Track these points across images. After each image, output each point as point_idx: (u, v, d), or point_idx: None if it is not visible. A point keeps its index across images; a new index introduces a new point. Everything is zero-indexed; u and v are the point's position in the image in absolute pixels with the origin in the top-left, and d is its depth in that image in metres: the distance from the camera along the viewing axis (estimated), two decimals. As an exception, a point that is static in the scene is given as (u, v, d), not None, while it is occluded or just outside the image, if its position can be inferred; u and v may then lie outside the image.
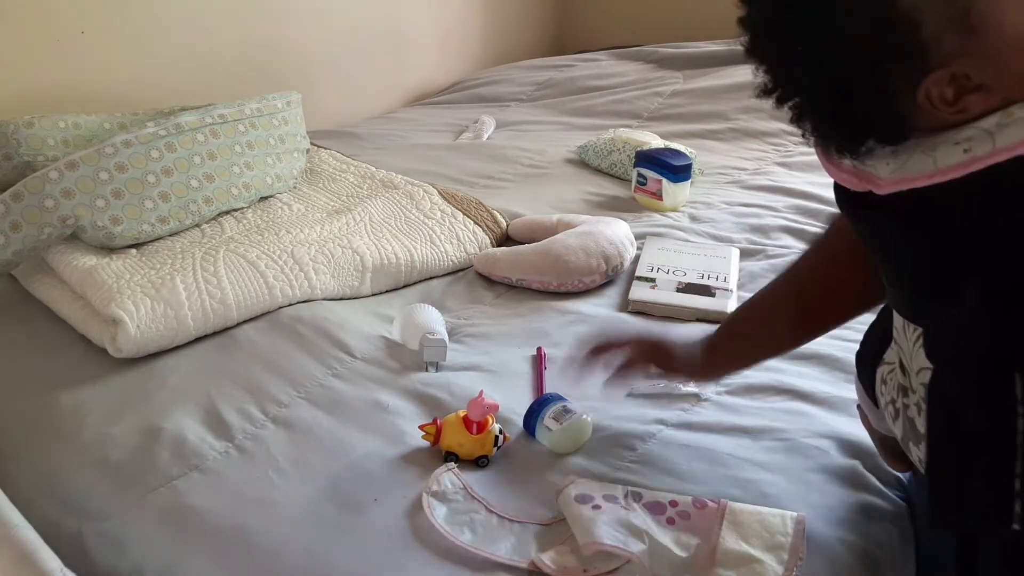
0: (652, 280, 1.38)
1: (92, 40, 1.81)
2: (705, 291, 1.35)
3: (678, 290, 1.36)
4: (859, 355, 0.87)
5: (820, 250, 0.92)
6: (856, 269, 0.84)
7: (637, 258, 1.47)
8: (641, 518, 0.84)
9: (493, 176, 1.91)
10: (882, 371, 0.81)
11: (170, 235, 1.43)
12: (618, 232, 1.46)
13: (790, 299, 0.94)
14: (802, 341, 1.00)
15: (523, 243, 1.51)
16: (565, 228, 1.50)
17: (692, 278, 1.39)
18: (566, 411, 1.01)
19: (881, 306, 0.84)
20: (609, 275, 1.41)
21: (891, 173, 0.63)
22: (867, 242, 0.75)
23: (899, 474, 0.95)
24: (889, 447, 0.89)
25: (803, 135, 0.66)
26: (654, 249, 1.50)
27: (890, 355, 0.80)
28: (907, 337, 0.73)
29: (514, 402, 1.07)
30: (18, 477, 1.01)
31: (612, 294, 1.40)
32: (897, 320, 0.75)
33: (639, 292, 1.36)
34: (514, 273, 1.42)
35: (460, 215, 1.58)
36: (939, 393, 0.69)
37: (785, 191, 1.78)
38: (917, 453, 0.75)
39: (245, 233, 1.43)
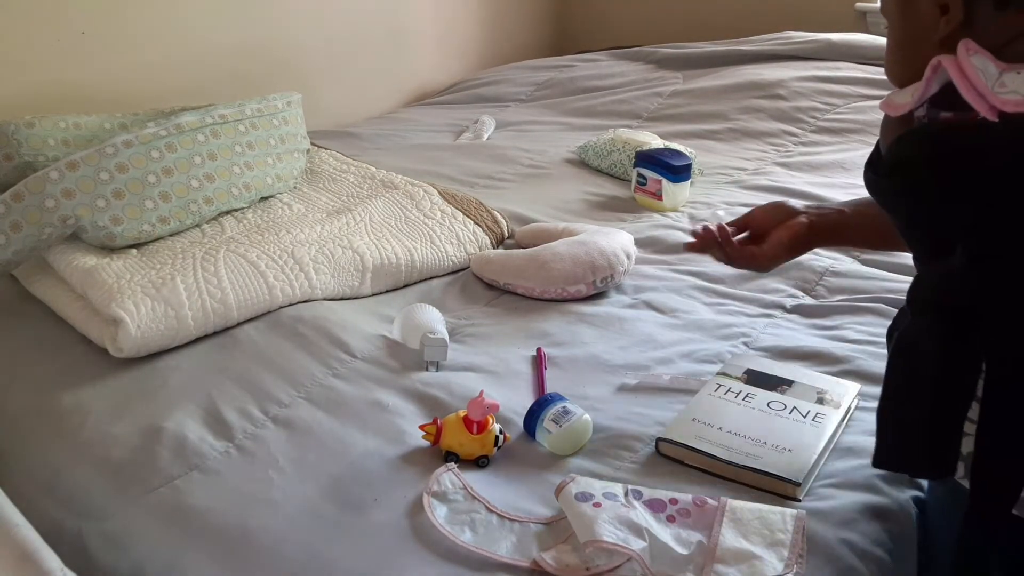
0: None
1: (92, 40, 1.81)
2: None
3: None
4: (889, 330, 0.87)
5: None
6: None
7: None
8: (641, 516, 0.84)
9: (493, 176, 1.91)
10: None
11: (170, 235, 1.43)
12: (614, 243, 1.41)
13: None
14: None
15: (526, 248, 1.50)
16: (568, 236, 1.47)
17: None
18: (566, 412, 1.00)
19: None
20: (598, 286, 1.37)
21: None
22: (880, 205, 0.77)
23: (914, 487, 0.94)
24: None
25: None
26: None
27: None
28: None
29: (514, 402, 1.07)
30: (19, 476, 1.01)
31: (611, 301, 1.40)
32: None
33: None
34: (501, 276, 1.41)
35: (460, 215, 1.58)
36: (906, 339, 0.72)
37: (785, 191, 1.77)
38: None
39: (245, 233, 1.43)
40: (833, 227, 1.04)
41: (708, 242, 1.06)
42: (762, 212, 1.08)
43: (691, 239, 1.08)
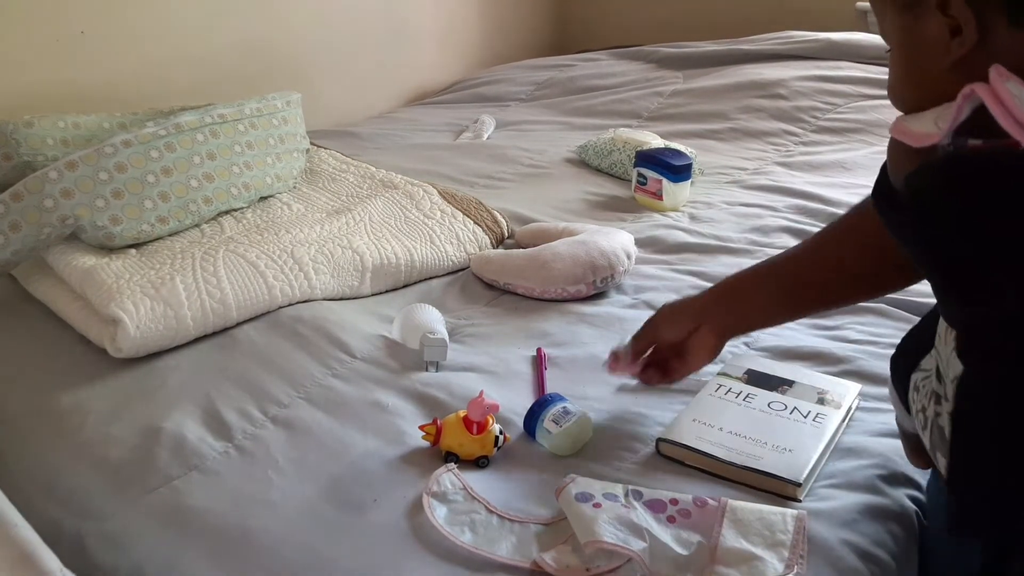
0: None
1: (92, 40, 1.81)
2: None
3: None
4: (894, 358, 0.85)
5: (831, 229, 0.99)
6: (866, 254, 0.89)
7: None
8: (642, 516, 0.84)
9: (493, 176, 1.91)
10: (916, 378, 0.78)
11: (170, 235, 1.42)
12: (614, 243, 1.41)
13: (787, 269, 1.02)
14: (800, 314, 1.11)
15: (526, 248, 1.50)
16: (568, 236, 1.46)
17: None
18: (566, 413, 1.00)
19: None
20: (598, 286, 1.37)
21: None
22: (899, 241, 0.73)
23: (914, 488, 0.94)
24: (912, 443, 0.88)
25: None
26: None
27: (927, 362, 0.77)
28: (946, 343, 0.71)
29: (514, 402, 1.07)
30: (18, 477, 1.01)
31: (611, 301, 1.39)
32: (940, 325, 0.73)
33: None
34: (501, 276, 1.41)
35: (460, 215, 1.57)
36: (968, 394, 0.67)
37: (785, 191, 1.78)
38: (944, 463, 0.72)
39: (245, 233, 1.43)
40: (737, 321, 1.05)
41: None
42: (665, 328, 1.06)
43: (611, 357, 1.09)
